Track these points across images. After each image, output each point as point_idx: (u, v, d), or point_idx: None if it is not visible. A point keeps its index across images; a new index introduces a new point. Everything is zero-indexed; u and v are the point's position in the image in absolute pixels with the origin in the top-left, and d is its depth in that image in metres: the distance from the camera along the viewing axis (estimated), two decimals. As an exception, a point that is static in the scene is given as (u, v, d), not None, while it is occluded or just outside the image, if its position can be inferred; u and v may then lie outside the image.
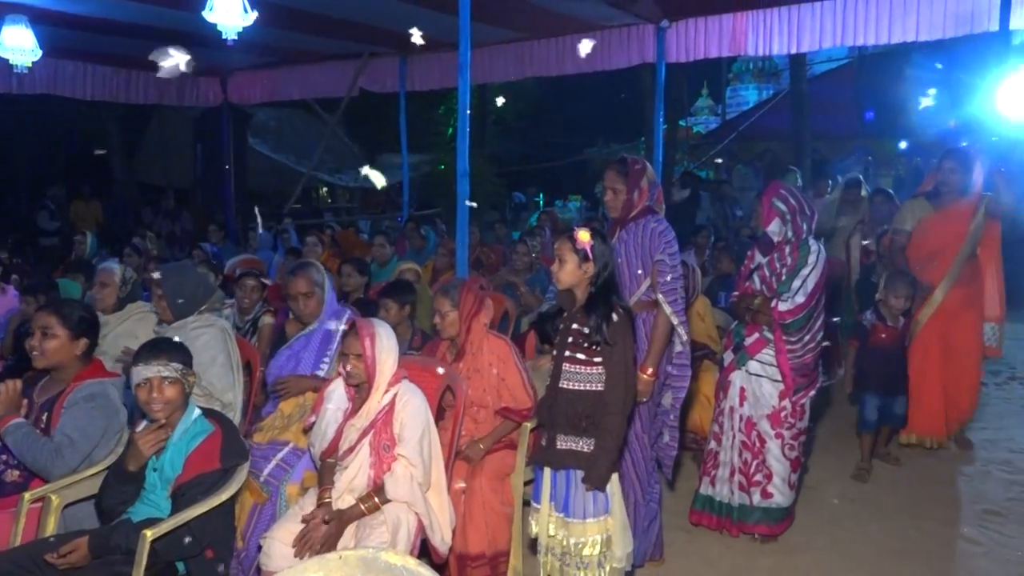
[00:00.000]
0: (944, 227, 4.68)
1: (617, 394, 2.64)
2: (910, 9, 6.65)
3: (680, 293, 3.16)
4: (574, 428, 2.68)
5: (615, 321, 2.64)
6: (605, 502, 2.68)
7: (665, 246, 3.15)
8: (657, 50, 7.61)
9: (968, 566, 3.45)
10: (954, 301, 4.65)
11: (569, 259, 2.71)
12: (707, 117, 20.93)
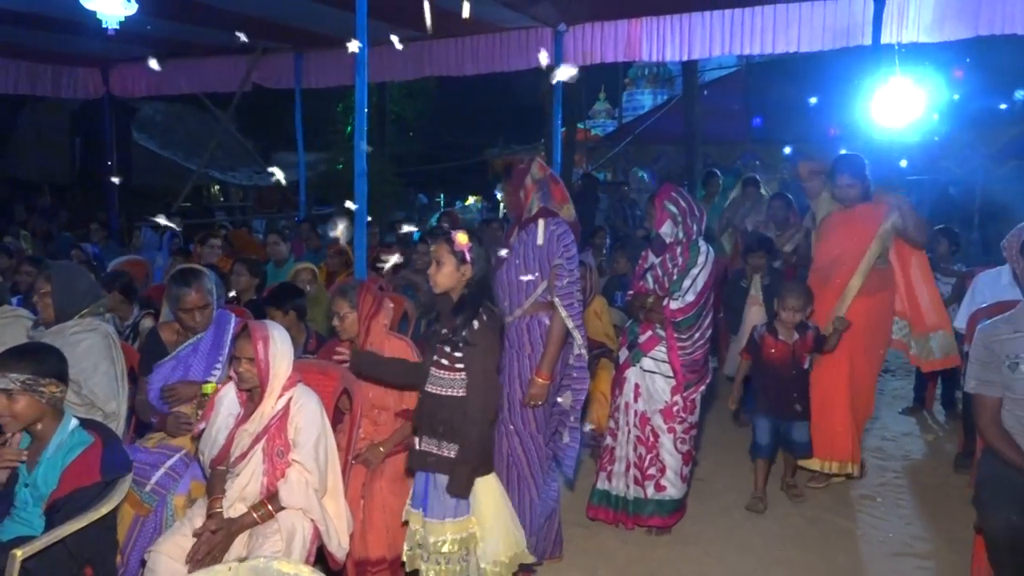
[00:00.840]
0: (849, 229, 4.24)
1: (477, 402, 2.64)
2: (792, 22, 7.02)
3: (577, 296, 3.19)
4: (433, 432, 2.70)
5: (478, 326, 2.64)
6: (467, 504, 2.71)
7: (563, 250, 3.15)
8: (555, 53, 7.72)
9: (846, 549, 3.65)
10: (859, 313, 4.15)
11: (447, 261, 2.70)
12: (604, 120, 21.34)
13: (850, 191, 4.21)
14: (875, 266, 4.18)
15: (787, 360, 3.99)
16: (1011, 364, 2.77)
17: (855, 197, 4.22)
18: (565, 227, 3.22)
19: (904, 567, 3.46)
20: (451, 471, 2.67)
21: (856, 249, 4.18)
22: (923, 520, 3.96)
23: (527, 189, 3.27)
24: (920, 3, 6.66)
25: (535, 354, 3.18)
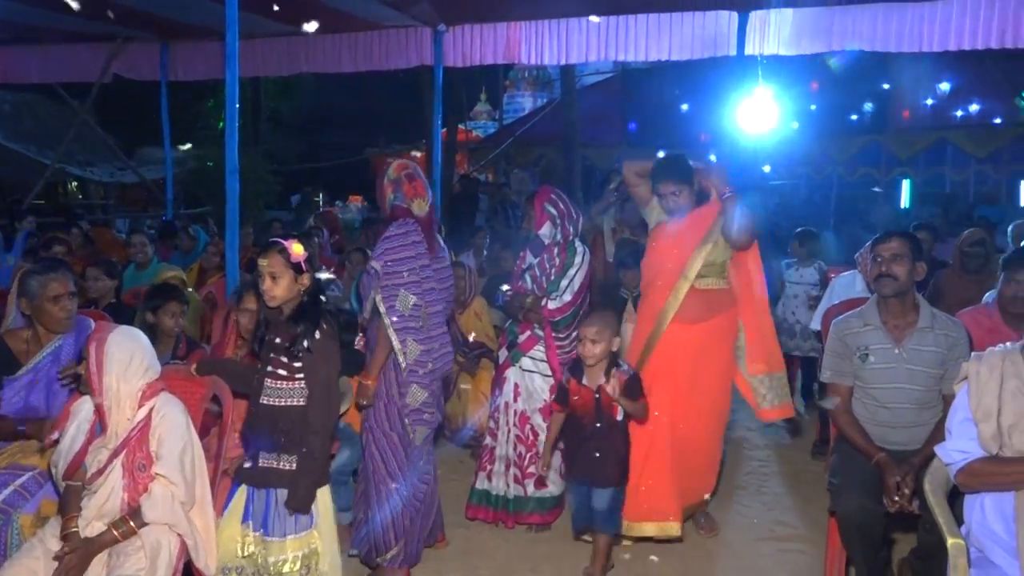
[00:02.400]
0: (672, 240, 3.56)
1: (319, 411, 2.58)
2: (663, 31, 7.29)
3: (405, 300, 3.05)
4: (274, 445, 2.62)
5: (319, 335, 2.58)
6: (309, 517, 2.64)
7: (385, 251, 3.07)
8: (435, 53, 7.70)
9: (716, 537, 3.81)
10: (680, 344, 3.49)
11: (283, 274, 2.61)
12: (486, 122, 21.50)
13: (674, 200, 3.50)
14: (707, 285, 3.51)
15: (590, 409, 3.10)
16: (861, 355, 2.99)
17: (683, 206, 3.52)
18: (406, 228, 3.13)
19: (767, 550, 3.65)
20: (290, 485, 2.58)
21: (675, 264, 3.49)
22: (784, 505, 4.20)
23: (384, 190, 3.26)
24: (780, 18, 7.07)
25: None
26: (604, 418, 3.12)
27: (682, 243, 3.51)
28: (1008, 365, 2.28)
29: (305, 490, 2.58)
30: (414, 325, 3.10)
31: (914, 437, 2.93)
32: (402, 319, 3.06)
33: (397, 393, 3.16)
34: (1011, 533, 2.17)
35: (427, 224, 3.21)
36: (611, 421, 3.14)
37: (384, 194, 3.25)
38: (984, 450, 2.25)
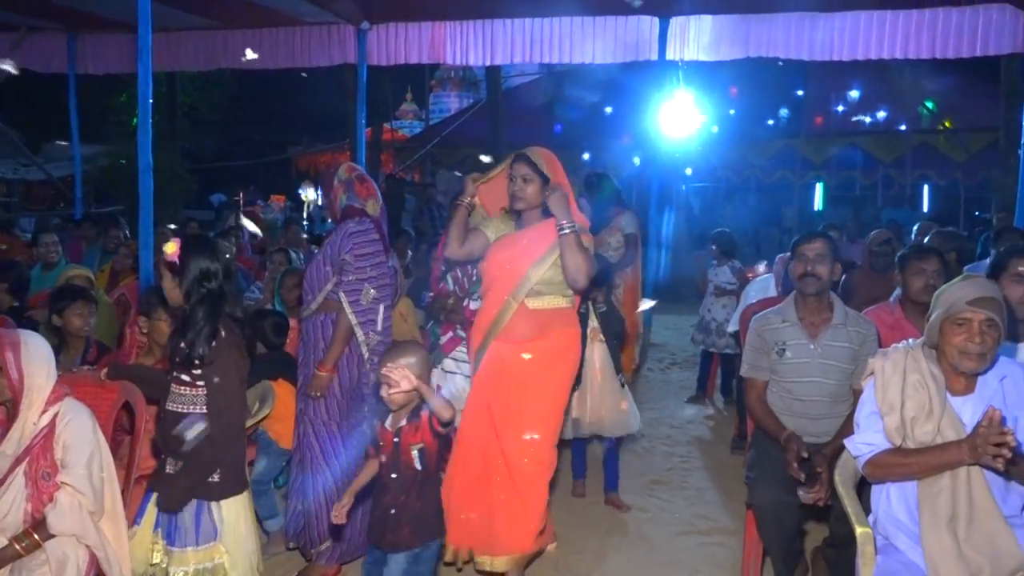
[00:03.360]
0: (505, 255, 3.21)
1: (216, 421, 2.49)
2: (587, 34, 7.38)
3: (367, 293, 3.18)
4: (179, 453, 2.53)
5: (216, 343, 2.48)
6: (213, 529, 2.55)
7: (353, 247, 3.17)
8: (358, 51, 7.60)
9: (639, 531, 3.88)
10: (501, 364, 3.16)
11: (166, 275, 2.56)
12: (412, 121, 21.35)
13: (521, 188, 3.13)
14: (542, 305, 3.16)
15: (389, 455, 2.53)
16: (779, 350, 3.10)
17: (526, 200, 3.15)
18: (366, 226, 3.25)
19: (688, 544, 3.74)
20: (166, 484, 2.50)
21: (506, 282, 3.15)
22: (705, 499, 4.30)
23: (335, 191, 3.34)
24: (699, 24, 7.25)
25: (328, 349, 3.21)
26: (399, 467, 2.52)
27: (517, 259, 3.16)
28: (910, 360, 2.39)
29: (179, 492, 2.48)
30: (374, 318, 3.21)
31: (827, 429, 3.03)
32: (364, 312, 3.18)
33: (349, 386, 3.22)
34: (914, 520, 2.27)
35: (379, 224, 3.33)
36: (408, 471, 2.52)
37: (335, 195, 3.33)
38: (889, 442, 2.35)
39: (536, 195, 3.16)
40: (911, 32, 6.87)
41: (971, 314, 2.23)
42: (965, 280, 2.34)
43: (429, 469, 2.57)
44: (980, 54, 6.93)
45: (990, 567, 2.13)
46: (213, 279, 2.52)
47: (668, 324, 8.70)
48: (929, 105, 14.39)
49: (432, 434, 2.48)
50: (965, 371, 2.29)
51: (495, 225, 3.34)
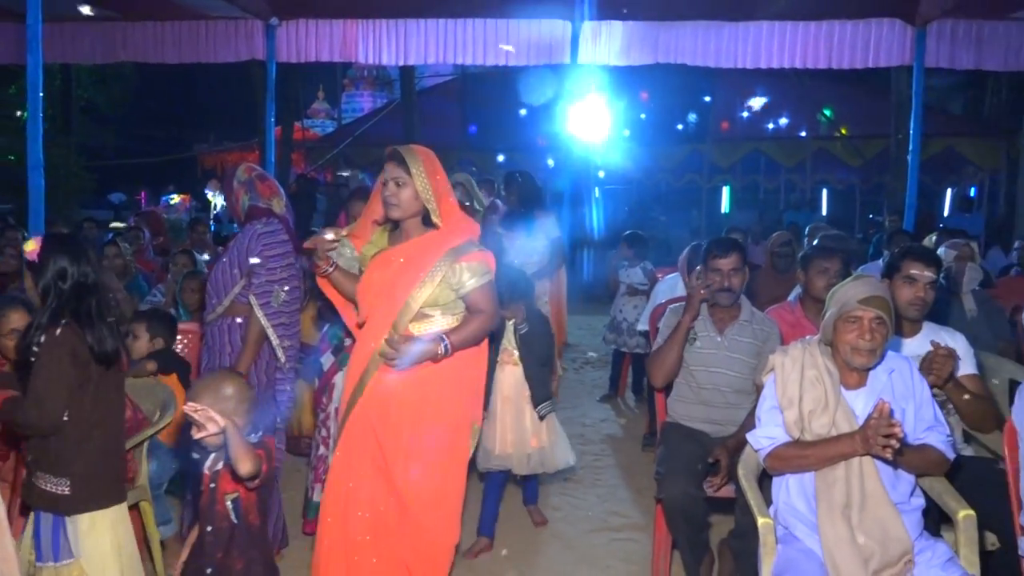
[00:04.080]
0: (383, 276, 2.69)
1: (31, 409, 2.35)
2: (501, 36, 7.42)
3: (279, 296, 3.15)
4: (36, 462, 2.42)
5: (44, 339, 2.36)
6: (69, 547, 2.42)
7: (262, 248, 3.12)
8: (267, 48, 7.41)
9: (553, 530, 3.91)
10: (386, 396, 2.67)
11: (27, 274, 2.52)
12: (324, 120, 20.97)
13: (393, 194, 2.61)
14: (431, 328, 2.66)
15: (205, 504, 2.21)
16: (690, 339, 3.23)
17: (407, 204, 2.62)
18: (274, 227, 3.19)
19: (601, 540, 3.79)
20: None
21: (387, 308, 2.65)
22: (617, 496, 4.37)
23: (235, 193, 3.26)
24: (610, 30, 7.40)
25: (235, 354, 3.14)
26: (214, 518, 2.19)
27: (394, 282, 2.65)
28: (808, 356, 2.50)
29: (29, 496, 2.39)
30: (285, 320, 3.17)
31: (731, 418, 3.17)
32: (276, 315, 3.12)
33: (260, 392, 3.14)
34: (811, 509, 2.37)
35: (288, 223, 3.27)
36: (223, 523, 2.19)
37: (237, 197, 3.24)
38: (788, 435, 2.45)
39: (412, 201, 2.61)
40: (809, 43, 7.21)
41: (862, 312, 2.35)
42: (856, 280, 2.46)
43: (248, 522, 2.20)
44: (872, 65, 7.33)
45: (880, 551, 2.24)
46: (70, 278, 2.40)
47: (581, 324, 8.82)
48: (827, 113, 15.12)
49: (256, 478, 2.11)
50: (857, 366, 2.41)
51: (375, 241, 2.81)
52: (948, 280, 4.25)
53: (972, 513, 2.34)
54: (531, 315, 3.67)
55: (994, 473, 2.64)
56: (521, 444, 3.59)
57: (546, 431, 3.64)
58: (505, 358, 3.64)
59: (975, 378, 2.88)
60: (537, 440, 3.62)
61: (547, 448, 3.65)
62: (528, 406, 3.60)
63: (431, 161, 2.68)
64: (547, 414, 3.64)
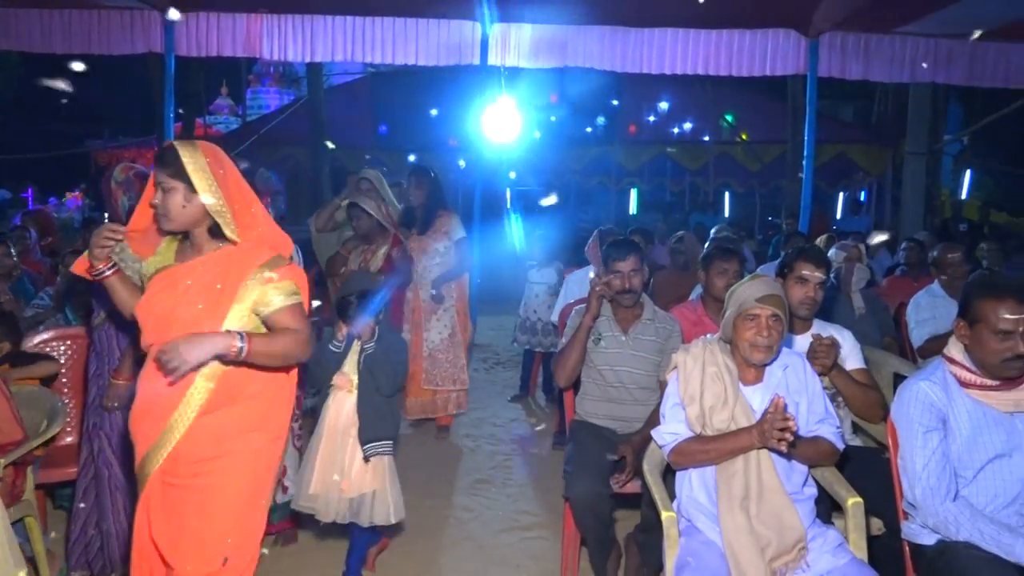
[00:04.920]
0: (165, 299, 2.20)
1: None
2: (410, 36, 7.36)
3: None
4: None
5: None
6: None
7: None
8: (165, 40, 7.12)
9: (464, 531, 3.91)
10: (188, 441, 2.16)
11: None
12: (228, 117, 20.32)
13: (168, 201, 2.14)
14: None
15: None
16: (595, 339, 3.30)
17: (176, 214, 2.16)
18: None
19: (511, 540, 3.81)
20: None
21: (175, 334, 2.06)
22: (527, 495, 4.41)
23: (114, 194, 3.11)
24: (519, 32, 7.44)
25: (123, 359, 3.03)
26: None
27: (178, 311, 2.15)
28: (708, 354, 2.58)
29: None
30: None
31: (637, 415, 3.25)
32: None
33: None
34: (712, 501, 2.45)
35: None
36: None
37: (116, 199, 3.08)
38: (691, 431, 2.52)
39: (182, 209, 2.14)
40: (711, 51, 7.44)
41: (759, 310, 2.44)
42: (753, 280, 2.56)
43: None
44: (770, 74, 7.63)
45: (776, 540, 2.33)
46: None
47: (492, 325, 8.85)
48: (728, 118, 15.67)
49: None
50: (755, 362, 2.50)
51: (161, 253, 2.30)
52: (838, 280, 4.47)
53: (860, 500, 2.47)
54: (385, 336, 3.14)
55: (880, 462, 2.79)
56: (332, 486, 3.07)
57: (371, 477, 3.07)
58: (340, 382, 3.14)
59: (863, 372, 3.04)
60: (351, 485, 3.06)
61: (368, 497, 3.07)
62: (354, 443, 3.08)
63: (218, 161, 2.19)
64: (374, 456, 3.07)
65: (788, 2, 6.71)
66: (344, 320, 3.07)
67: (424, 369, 5.14)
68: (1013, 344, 2.22)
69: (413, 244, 5.09)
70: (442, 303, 5.17)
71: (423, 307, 5.16)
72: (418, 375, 5.15)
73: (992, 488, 2.28)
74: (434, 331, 5.17)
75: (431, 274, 5.13)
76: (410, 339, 5.09)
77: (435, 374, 5.18)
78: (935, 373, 2.42)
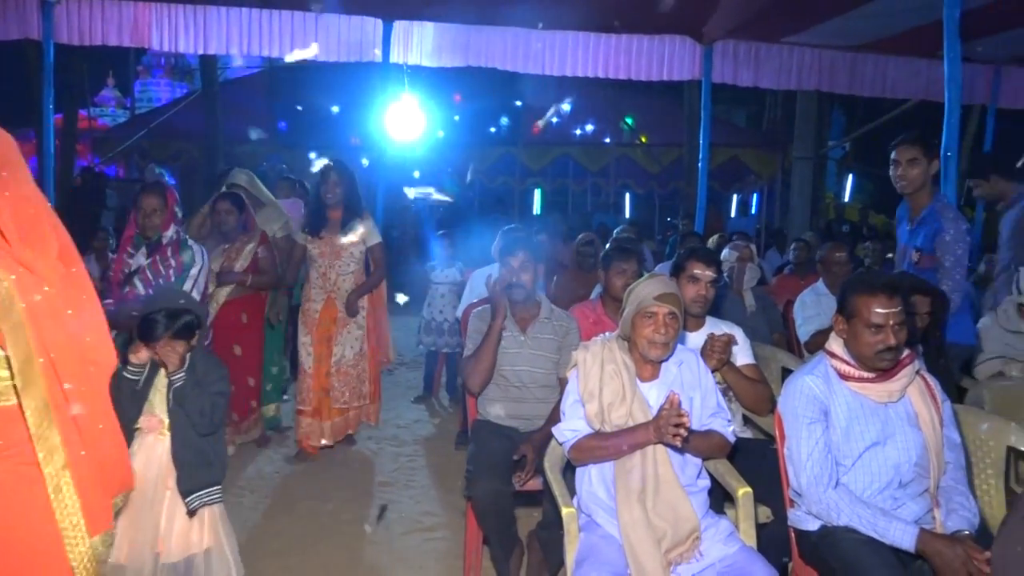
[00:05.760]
0: None
1: None
2: (310, 31, 7.18)
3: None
4: None
5: None
6: None
7: None
8: (43, 26, 6.70)
9: (365, 535, 3.84)
10: None
11: None
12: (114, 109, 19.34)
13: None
14: None
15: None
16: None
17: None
18: None
19: (414, 541, 3.78)
20: None
21: None
22: (431, 496, 4.38)
23: None
24: (422, 31, 7.39)
25: None
26: None
27: None
28: (607, 351, 2.63)
29: None
30: None
31: (538, 412, 3.28)
32: None
33: None
34: (611, 496, 2.50)
35: None
36: None
37: None
38: (590, 427, 2.56)
39: None
40: (611, 55, 7.60)
41: (657, 308, 2.51)
42: (651, 279, 2.62)
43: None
44: (667, 78, 7.86)
45: (672, 531, 2.40)
46: None
47: (395, 325, 8.69)
48: (628, 121, 16.04)
49: None
50: (652, 359, 2.57)
51: None
52: (730, 278, 4.65)
53: (749, 490, 2.57)
54: (199, 364, 2.66)
55: (768, 453, 2.91)
56: (141, 550, 2.55)
57: (200, 533, 2.62)
58: (148, 424, 2.64)
59: (753, 367, 3.17)
60: (171, 549, 2.58)
61: (199, 559, 2.61)
62: (172, 495, 2.60)
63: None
64: (201, 507, 2.60)
65: (684, 10, 6.91)
66: (146, 342, 2.55)
67: (332, 387, 4.74)
68: (884, 336, 2.36)
69: (323, 248, 4.71)
70: (356, 316, 4.77)
71: (338, 319, 4.73)
72: (325, 398, 4.75)
73: (869, 474, 2.41)
74: (347, 345, 4.75)
75: (346, 283, 4.74)
76: (314, 354, 4.72)
77: (344, 391, 4.77)
78: (818, 367, 2.55)
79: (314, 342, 4.74)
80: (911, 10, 6.33)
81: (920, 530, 2.25)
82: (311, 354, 4.73)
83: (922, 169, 3.52)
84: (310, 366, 4.72)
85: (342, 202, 4.68)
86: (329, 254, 4.72)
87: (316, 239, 4.72)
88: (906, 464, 2.40)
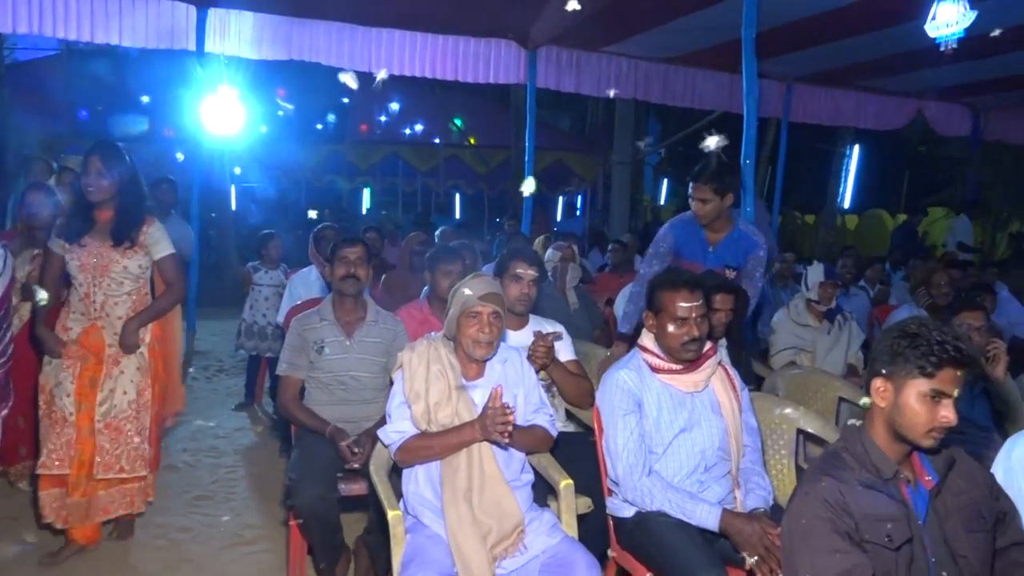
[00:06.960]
0: None
1: None
2: (112, 13, 6.62)
3: None
4: None
5: None
6: None
7: None
8: None
9: (181, 553, 3.60)
10: None
11: None
12: None
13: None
14: None
15: None
16: (318, 348, 3.27)
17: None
18: None
19: (234, 556, 3.59)
20: None
21: None
22: (252, 508, 4.18)
23: None
24: (240, 20, 7.05)
25: None
26: None
27: None
28: (433, 352, 2.64)
29: None
30: None
31: (368, 414, 3.25)
32: None
33: None
34: (438, 496, 2.50)
35: None
36: None
37: None
38: (417, 428, 2.55)
39: None
40: (438, 55, 7.62)
41: (481, 308, 2.55)
42: (475, 279, 2.65)
43: None
44: (493, 81, 7.98)
45: (497, 527, 2.44)
46: None
47: (214, 330, 8.32)
48: (457, 122, 16.16)
49: None
50: (478, 358, 2.60)
51: None
52: (554, 277, 4.80)
53: (571, 482, 2.66)
54: None
55: (588, 445, 3.03)
56: None
57: None
58: None
59: (575, 363, 3.28)
60: None
61: None
62: None
63: None
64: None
65: (508, 15, 7.06)
66: None
67: (100, 448, 3.35)
68: (688, 328, 2.54)
69: (84, 259, 3.36)
70: (134, 351, 3.44)
71: (108, 355, 3.39)
72: (86, 462, 3.35)
73: (678, 461, 2.57)
74: (119, 390, 3.40)
75: (119, 308, 3.41)
76: (67, 403, 3.33)
77: (118, 455, 3.39)
78: (632, 361, 2.69)
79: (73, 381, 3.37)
80: (715, 28, 6.83)
81: (722, 510, 2.42)
82: (71, 395, 3.36)
83: (715, 205, 3.72)
84: (71, 412, 3.36)
85: (114, 199, 3.37)
86: (92, 268, 3.37)
87: (76, 247, 3.37)
88: (711, 449, 2.58)
